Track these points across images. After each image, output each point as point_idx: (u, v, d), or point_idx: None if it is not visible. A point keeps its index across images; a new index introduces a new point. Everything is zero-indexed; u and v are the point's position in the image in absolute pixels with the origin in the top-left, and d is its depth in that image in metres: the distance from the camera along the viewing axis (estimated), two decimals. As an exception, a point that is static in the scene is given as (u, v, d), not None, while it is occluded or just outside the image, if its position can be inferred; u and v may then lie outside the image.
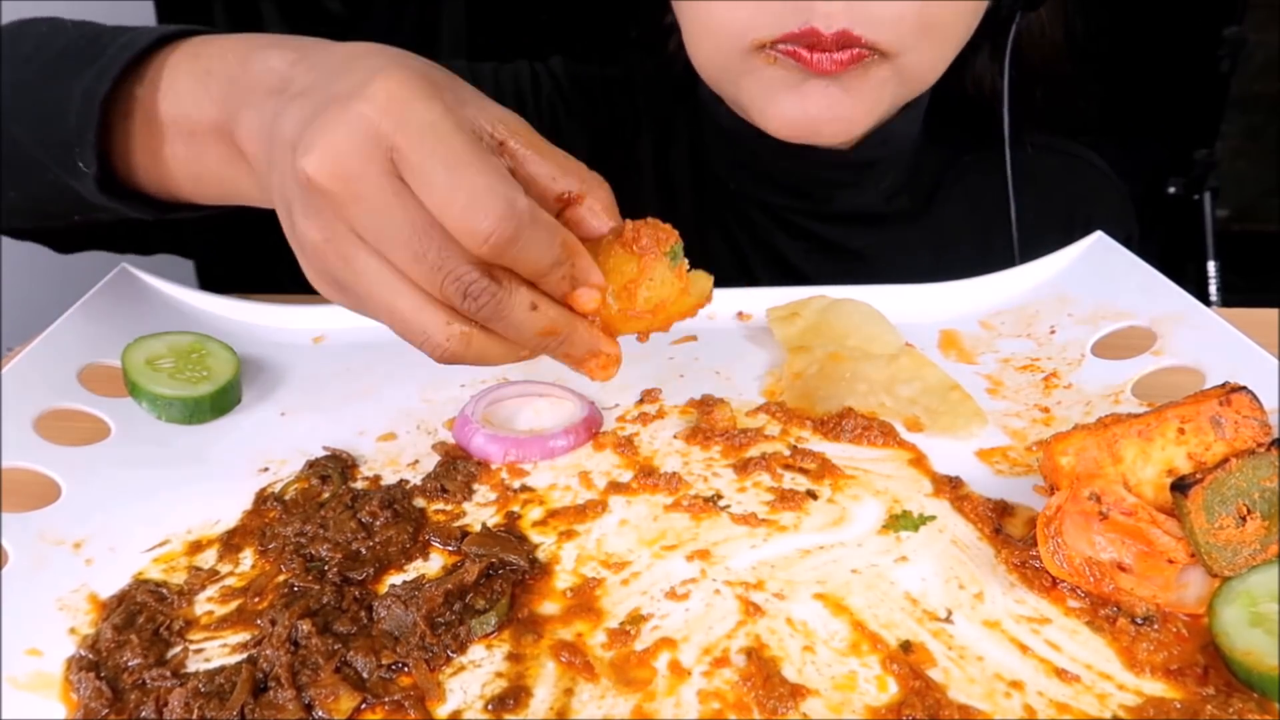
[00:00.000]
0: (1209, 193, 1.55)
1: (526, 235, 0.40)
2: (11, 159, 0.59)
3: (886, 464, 0.52)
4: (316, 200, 0.42)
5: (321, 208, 0.42)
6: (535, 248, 0.41)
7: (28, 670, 0.41)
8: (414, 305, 0.42)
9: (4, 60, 0.59)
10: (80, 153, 0.54)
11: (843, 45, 0.60)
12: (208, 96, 0.52)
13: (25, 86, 0.58)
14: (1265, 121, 1.96)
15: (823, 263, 0.80)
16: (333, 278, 0.44)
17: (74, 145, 0.54)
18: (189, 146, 0.54)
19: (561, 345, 0.45)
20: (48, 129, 0.55)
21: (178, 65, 0.54)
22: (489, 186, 0.39)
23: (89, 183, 0.55)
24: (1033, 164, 0.81)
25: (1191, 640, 0.40)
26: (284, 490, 0.52)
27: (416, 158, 0.40)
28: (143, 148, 0.55)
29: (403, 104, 0.41)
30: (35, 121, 0.56)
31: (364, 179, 0.40)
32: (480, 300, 0.41)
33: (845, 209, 0.79)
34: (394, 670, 0.40)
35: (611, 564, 0.46)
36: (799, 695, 0.38)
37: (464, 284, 0.41)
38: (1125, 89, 1.33)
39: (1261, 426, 0.44)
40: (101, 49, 0.55)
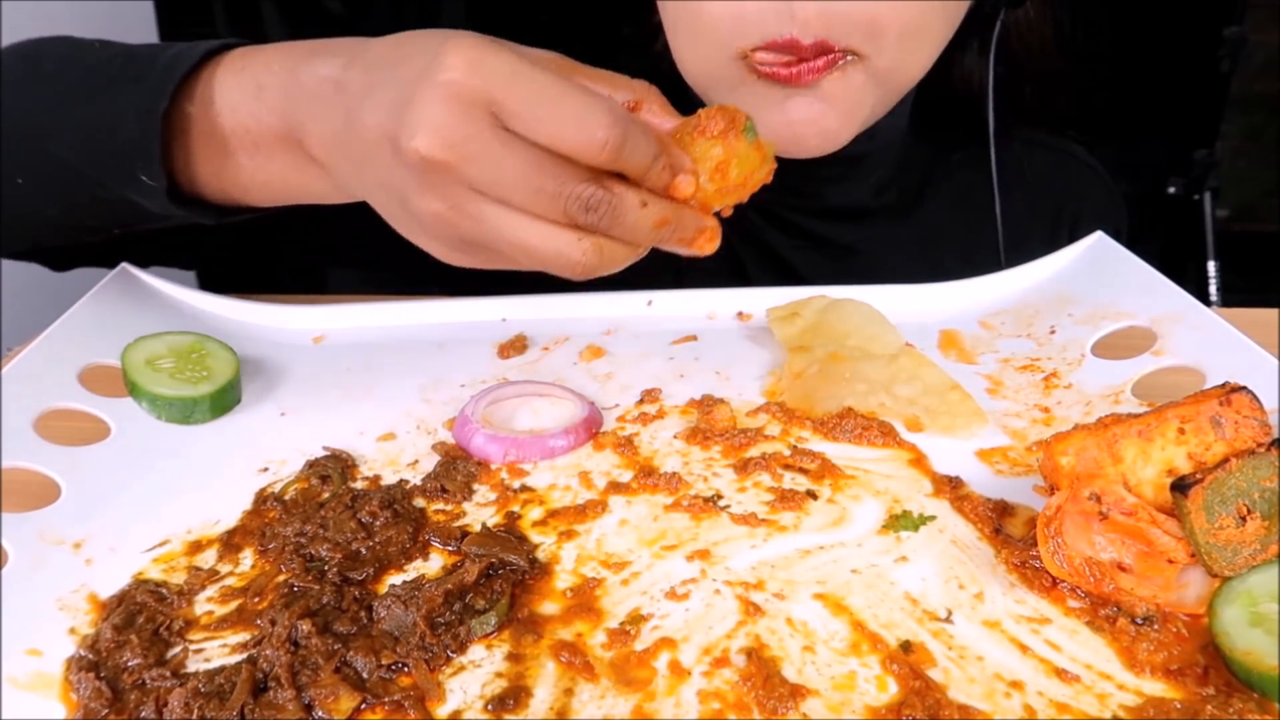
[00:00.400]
0: (1209, 193, 1.55)
1: (632, 135, 0.45)
2: (53, 176, 0.61)
3: (886, 464, 0.52)
4: (433, 175, 0.45)
5: (439, 180, 0.45)
6: (640, 145, 0.45)
7: (28, 670, 0.41)
8: (545, 235, 0.46)
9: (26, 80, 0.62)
10: (144, 167, 0.56)
11: (820, 53, 0.60)
12: (265, 109, 0.55)
13: (62, 105, 0.60)
14: (1265, 121, 1.96)
15: (813, 257, 0.80)
16: (461, 240, 0.48)
17: (134, 160, 0.56)
18: (253, 157, 0.57)
19: (675, 232, 0.49)
20: (97, 145, 0.58)
21: (225, 80, 0.56)
22: (588, 104, 0.44)
23: (156, 195, 0.57)
24: (1021, 159, 0.81)
25: (1191, 640, 0.40)
26: (284, 490, 0.52)
27: (516, 103, 0.44)
28: (205, 160, 0.58)
29: (481, 62, 0.44)
30: (82, 139, 0.58)
31: (473, 139, 0.44)
32: (600, 210, 0.45)
33: (835, 204, 0.80)
34: (394, 670, 0.40)
35: (611, 564, 0.46)
36: (799, 695, 0.38)
37: (583, 199, 0.45)
38: (1125, 89, 1.33)
39: (1261, 426, 0.44)
40: (144, 67, 0.57)
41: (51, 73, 0.61)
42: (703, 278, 0.73)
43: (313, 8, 1.33)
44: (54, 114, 0.60)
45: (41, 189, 0.62)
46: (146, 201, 0.59)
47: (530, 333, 0.66)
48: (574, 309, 0.69)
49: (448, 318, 0.69)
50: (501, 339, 0.66)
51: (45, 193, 0.62)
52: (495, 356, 0.65)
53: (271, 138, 0.55)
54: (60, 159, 0.59)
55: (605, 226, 0.46)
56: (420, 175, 0.46)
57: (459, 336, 0.66)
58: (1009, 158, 0.80)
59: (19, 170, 0.61)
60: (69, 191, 0.61)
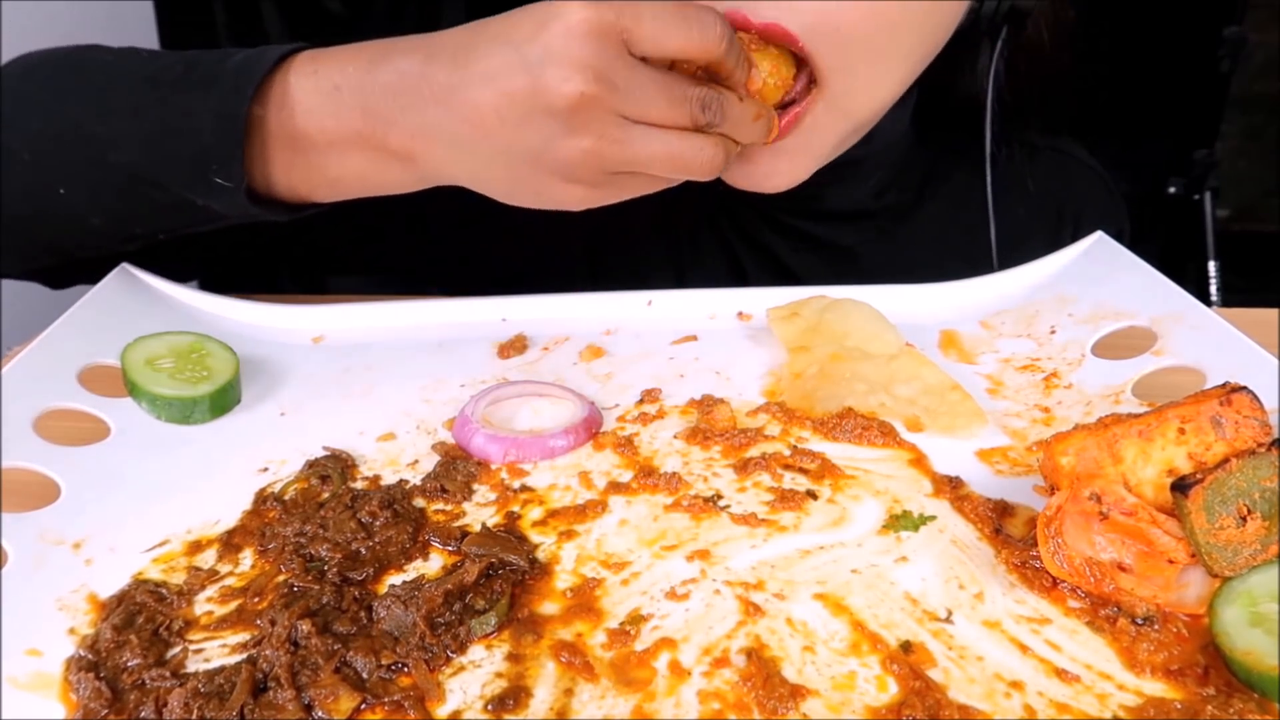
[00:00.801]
0: (1209, 193, 1.55)
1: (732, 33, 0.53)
2: (107, 183, 0.61)
3: (886, 464, 0.52)
4: (585, 112, 0.51)
5: (590, 115, 0.51)
6: (736, 44, 0.54)
7: (27, 670, 0.40)
8: (682, 140, 0.53)
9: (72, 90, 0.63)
10: (219, 170, 0.58)
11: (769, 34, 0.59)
12: (343, 109, 0.57)
13: (122, 113, 0.60)
14: (1265, 121, 1.96)
15: (813, 260, 0.80)
16: (605, 173, 0.54)
17: (208, 163, 0.58)
18: (327, 156, 0.58)
19: (768, 122, 0.57)
20: (167, 151, 0.59)
21: (300, 83, 0.58)
22: (695, 12, 0.52)
23: (231, 196, 0.59)
24: (1021, 161, 0.81)
25: (1192, 640, 0.40)
26: (284, 490, 0.52)
27: (643, 27, 0.51)
28: (279, 161, 0.59)
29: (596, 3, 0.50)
30: (147, 146, 0.59)
31: (617, 69, 0.50)
32: (713, 107, 0.53)
33: (834, 207, 0.79)
34: (394, 670, 0.40)
35: (611, 564, 0.46)
36: (799, 695, 0.38)
37: (703, 100, 0.53)
38: (1125, 89, 1.33)
39: (1262, 426, 0.44)
40: (212, 72, 0.59)
41: (101, 81, 0.62)
42: (703, 280, 0.73)
43: (313, 7, 1.32)
44: (111, 121, 0.61)
45: (91, 196, 0.62)
46: (217, 203, 0.60)
47: (530, 333, 0.66)
48: (574, 309, 0.69)
49: (447, 318, 0.69)
50: (501, 339, 0.66)
51: (94, 200, 0.63)
52: (495, 356, 0.65)
53: (350, 136, 0.57)
54: (118, 166, 0.60)
55: (719, 122, 0.54)
56: (570, 116, 0.51)
57: (459, 336, 0.66)
58: (1012, 160, 0.79)
59: (65, 179, 0.62)
60: (122, 197, 0.62)
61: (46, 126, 0.62)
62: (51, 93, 0.63)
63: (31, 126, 0.62)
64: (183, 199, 0.60)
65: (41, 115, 0.63)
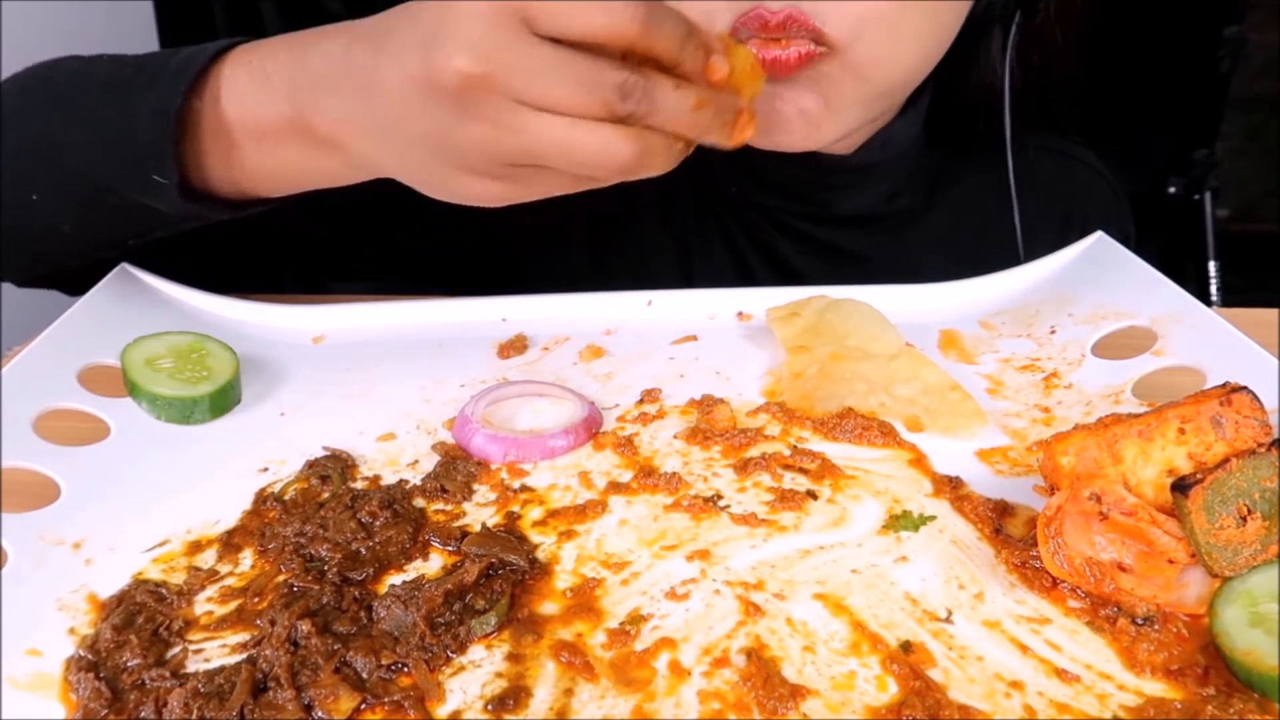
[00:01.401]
0: (1209, 193, 1.55)
1: (657, 9, 0.46)
2: (69, 190, 0.62)
3: (887, 464, 0.52)
4: (474, 94, 0.46)
5: (480, 98, 0.46)
6: (668, 20, 0.47)
7: (27, 670, 0.40)
8: (588, 130, 0.46)
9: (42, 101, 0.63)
10: (156, 165, 0.57)
11: (789, 28, 0.60)
12: (274, 97, 0.55)
13: (77, 119, 0.61)
14: (1265, 121, 1.96)
15: (822, 265, 0.80)
16: (506, 165, 0.48)
17: (148, 160, 0.57)
18: (261, 145, 0.57)
19: (715, 116, 0.49)
20: (113, 152, 0.58)
21: (234, 74, 0.57)
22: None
23: (168, 193, 0.58)
24: (1030, 165, 0.81)
25: (1192, 640, 0.40)
26: (284, 490, 0.52)
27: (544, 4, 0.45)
28: (215, 154, 0.58)
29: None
30: (98, 148, 0.59)
31: (508, 48, 0.45)
32: (635, 94, 0.46)
33: (845, 211, 0.79)
34: (394, 670, 0.40)
35: (611, 564, 0.46)
36: (799, 695, 0.38)
37: (618, 85, 0.46)
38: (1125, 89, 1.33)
39: (1262, 426, 0.44)
40: (156, 71, 0.58)
41: (65, 90, 0.63)
42: (709, 282, 0.73)
43: (313, 8, 1.32)
44: (70, 128, 0.61)
45: (59, 204, 0.63)
46: (159, 203, 0.59)
47: (530, 332, 0.66)
48: (574, 309, 0.69)
49: (447, 318, 0.69)
50: (501, 339, 0.66)
51: (62, 208, 0.63)
52: (495, 356, 0.65)
53: (280, 124, 0.55)
54: (76, 171, 0.60)
55: (643, 112, 0.47)
56: (460, 99, 0.46)
57: (459, 336, 0.66)
58: (1018, 161, 0.79)
59: (36, 188, 0.63)
60: (84, 204, 0.62)
61: (20, 138, 0.63)
62: (25, 104, 0.64)
63: (7, 138, 0.63)
64: (134, 203, 0.60)
65: (15, 126, 0.64)
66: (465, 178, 0.50)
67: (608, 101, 0.46)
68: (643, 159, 0.48)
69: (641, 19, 0.45)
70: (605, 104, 0.46)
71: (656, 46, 0.47)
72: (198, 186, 0.60)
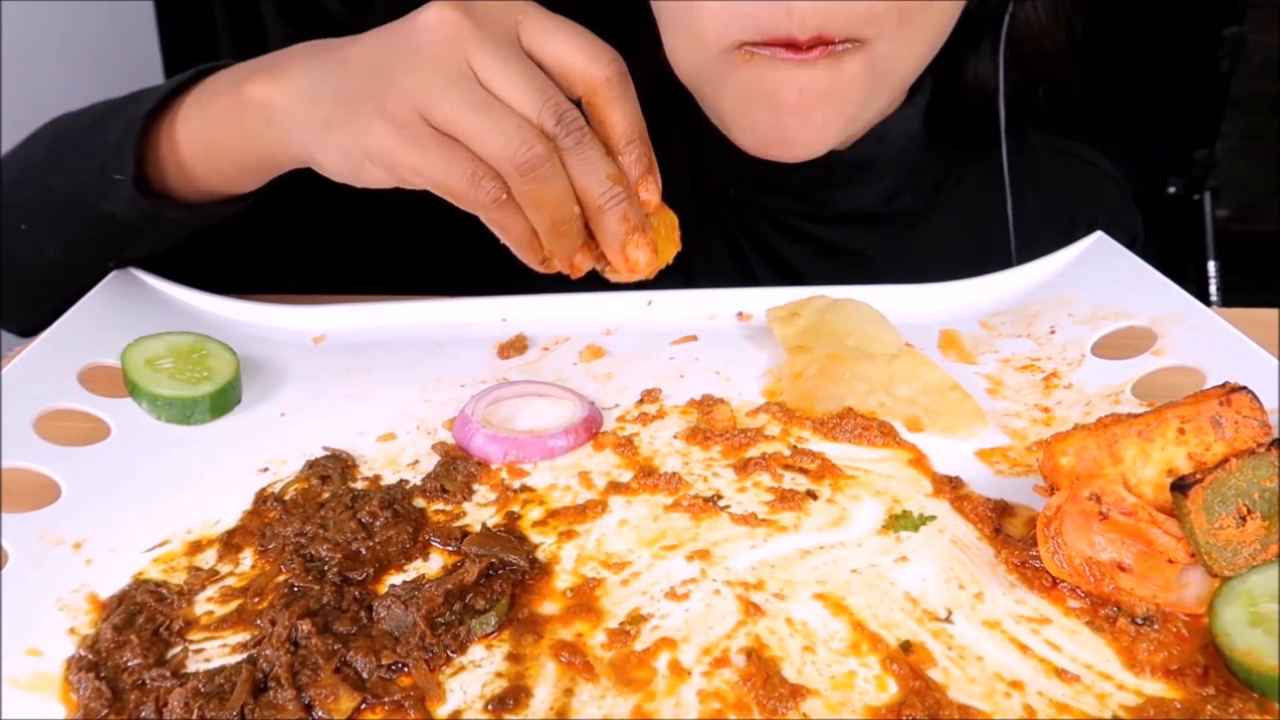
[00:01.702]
0: (1209, 193, 1.54)
1: (630, 84, 0.49)
2: (48, 212, 0.64)
3: (886, 464, 0.52)
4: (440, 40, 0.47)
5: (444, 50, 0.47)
6: (633, 99, 0.49)
7: (28, 670, 0.41)
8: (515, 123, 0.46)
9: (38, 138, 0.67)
10: (116, 164, 0.58)
11: (818, 46, 0.60)
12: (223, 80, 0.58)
13: (68, 144, 0.63)
14: (1265, 121, 1.96)
15: (823, 264, 0.80)
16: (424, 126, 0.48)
17: (110, 163, 0.59)
18: (202, 111, 0.59)
19: (620, 204, 0.49)
20: (86, 163, 0.60)
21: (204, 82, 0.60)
22: (593, 37, 0.48)
23: (124, 189, 0.59)
24: (1036, 165, 0.81)
25: (1191, 640, 0.40)
26: (284, 490, 0.52)
27: (537, 17, 0.48)
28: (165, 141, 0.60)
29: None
30: (76, 162, 0.61)
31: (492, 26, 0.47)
32: (570, 127, 0.47)
33: (845, 210, 0.79)
34: (394, 670, 0.40)
35: (611, 564, 0.46)
36: (799, 695, 0.38)
37: (560, 106, 0.47)
38: (1125, 89, 1.33)
39: (1262, 426, 0.44)
40: (141, 94, 0.61)
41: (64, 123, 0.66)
42: (709, 283, 0.73)
43: (313, 8, 1.32)
44: (58, 153, 0.63)
45: (42, 227, 0.65)
46: (117, 205, 0.60)
47: (530, 333, 0.66)
48: (574, 309, 0.69)
49: (448, 318, 0.69)
50: (501, 339, 0.66)
51: (45, 230, 0.65)
52: (495, 356, 0.65)
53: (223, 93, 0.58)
54: (58, 191, 0.62)
55: (568, 145, 0.47)
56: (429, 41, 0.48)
57: (459, 336, 0.66)
58: (1025, 163, 0.79)
59: (26, 216, 0.65)
60: (59, 220, 0.64)
61: (19, 174, 0.66)
62: (28, 145, 0.67)
63: (8, 176, 0.66)
64: (100, 212, 0.61)
65: (18, 165, 0.66)
66: (380, 124, 0.48)
67: (540, 111, 0.47)
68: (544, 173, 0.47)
69: (619, 76, 0.48)
70: (538, 112, 0.47)
71: (614, 113, 0.48)
72: (155, 187, 0.61)
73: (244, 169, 0.60)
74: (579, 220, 0.49)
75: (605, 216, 0.49)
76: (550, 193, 0.47)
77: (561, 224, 0.49)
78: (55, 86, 0.63)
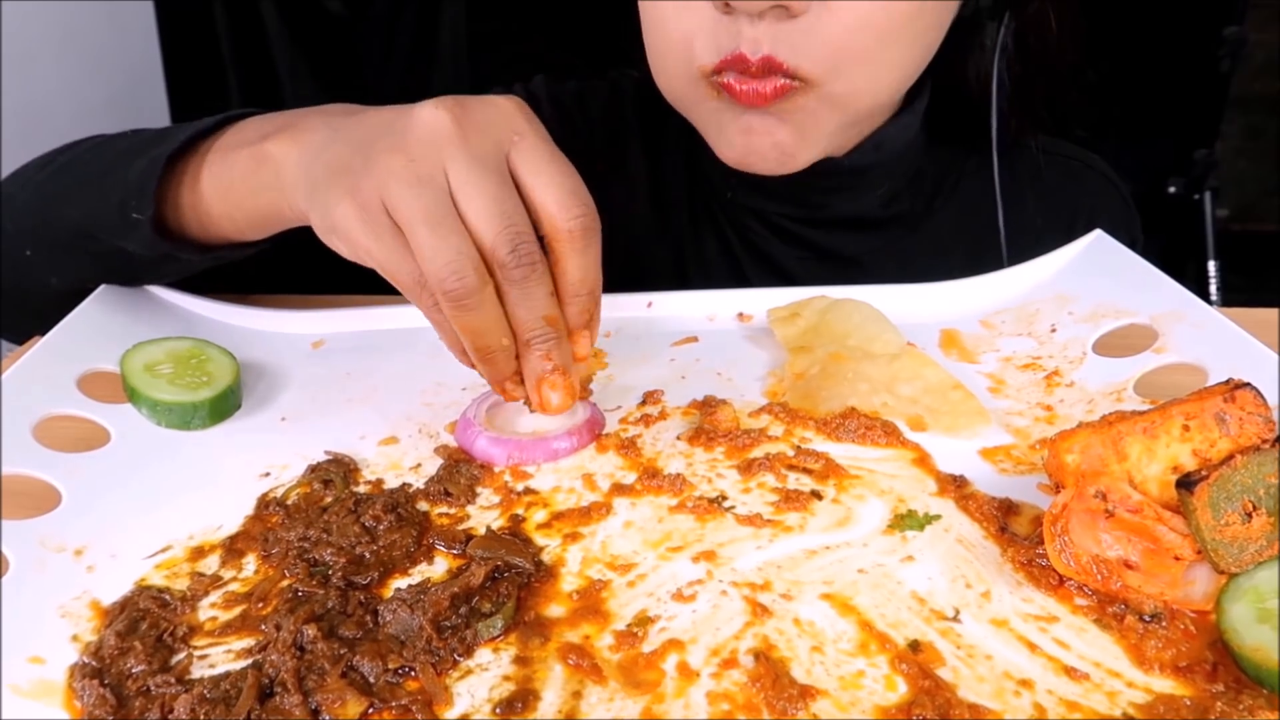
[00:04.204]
0: (1209, 193, 1.55)
1: (595, 238, 0.48)
2: (56, 242, 0.64)
3: (890, 463, 0.52)
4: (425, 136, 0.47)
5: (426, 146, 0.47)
6: (594, 253, 0.48)
7: (30, 678, 0.40)
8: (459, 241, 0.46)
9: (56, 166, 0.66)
10: (136, 204, 0.58)
11: (767, 71, 0.61)
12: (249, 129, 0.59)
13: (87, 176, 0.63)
14: (1265, 121, 1.97)
15: (819, 269, 0.80)
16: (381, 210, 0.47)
17: (130, 200, 0.59)
18: (223, 156, 0.59)
19: (547, 343, 0.49)
20: (107, 197, 0.60)
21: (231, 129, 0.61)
22: (576, 182, 0.48)
23: (143, 230, 0.59)
24: (1035, 169, 0.81)
25: (1199, 637, 0.40)
26: (286, 495, 0.51)
27: (531, 142, 0.48)
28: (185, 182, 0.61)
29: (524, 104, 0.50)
30: (96, 196, 0.61)
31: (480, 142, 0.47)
32: (523, 257, 0.46)
33: (842, 215, 0.79)
34: (400, 675, 0.40)
35: (617, 566, 0.46)
36: (808, 696, 0.38)
37: (519, 237, 0.46)
38: (1125, 89, 1.33)
39: (1266, 423, 0.44)
40: (175, 131, 0.61)
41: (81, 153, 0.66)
42: (704, 287, 0.72)
43: (313, 8, 1.32)
44: (77, 185, 0.63)
45: (50, 256, 0.65)
46: (133, 244, 0.60)
47: (531, 335, 0.66)
48: (574, 311, 0.69)
49: (448, 321, 0.69)
50: (502, 341, 0.65)
51: (50, 260, 0.65)
52: (496, 359, 0.64)
53: (242, 144, 0.58)
54: (67, 220, 0.62)
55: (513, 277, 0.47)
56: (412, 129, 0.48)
57: (460, 339, 0.66)
58: (1024, 166, 0.79)
59: (31, 243, 0.65)
60: (67, 251, 0.64)
61: (33, 198, 0.66)
62: (43, 170, 0.67)
63: (17, 200, 0.66)
64: (112, 247, 0.61)
65: (28, 188, 0.66)
66: (344, 197, 0.48)
67: (495, 235, 0.46)
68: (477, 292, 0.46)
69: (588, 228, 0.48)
70: (495, 239, 0.46)
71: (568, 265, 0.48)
72: (172, 227, 0.61)
73: (254, 220, 0.60)
74: (508, 351, 0.49)
75: (530, 352, 0.49)
76: (477, 321, 0.47)
77: (485, 351, 0.49)
78: (55, 86, 0.62)
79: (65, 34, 0.63)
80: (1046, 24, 0.75)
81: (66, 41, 0.63)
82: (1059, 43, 0.76)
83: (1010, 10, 0.73)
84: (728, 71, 0.63)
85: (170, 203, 0.61)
